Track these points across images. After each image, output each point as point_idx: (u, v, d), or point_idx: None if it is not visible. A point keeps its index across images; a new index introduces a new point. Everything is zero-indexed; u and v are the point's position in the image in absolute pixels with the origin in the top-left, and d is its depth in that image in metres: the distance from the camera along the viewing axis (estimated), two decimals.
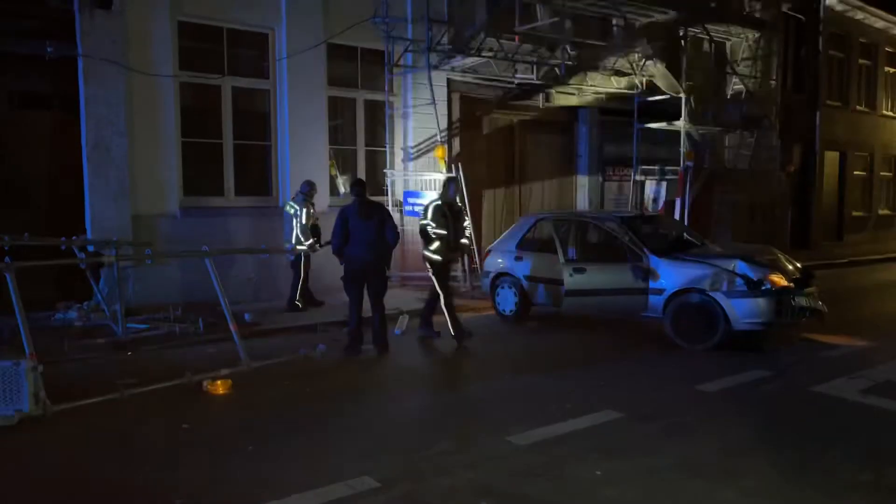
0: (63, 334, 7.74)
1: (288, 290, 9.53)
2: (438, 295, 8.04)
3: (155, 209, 9.41)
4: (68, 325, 8.22)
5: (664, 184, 14.05)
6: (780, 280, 7.43)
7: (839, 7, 19.47)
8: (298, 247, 9.25)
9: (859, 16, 20.37)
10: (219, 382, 6.01)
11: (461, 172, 10.97)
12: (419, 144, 11.80)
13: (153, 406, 5.56)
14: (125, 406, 5.50)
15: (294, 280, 9.49)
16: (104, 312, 8.29)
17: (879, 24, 21.31)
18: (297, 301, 9.42)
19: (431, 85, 10.83)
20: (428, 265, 8.09)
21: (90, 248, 8.19)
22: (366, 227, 7.27)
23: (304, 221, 9.31)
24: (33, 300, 6.08)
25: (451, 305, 8.05)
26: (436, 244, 7.93)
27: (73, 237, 7.98)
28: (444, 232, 7.90)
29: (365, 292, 7.41)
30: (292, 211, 9.41)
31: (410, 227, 11.14)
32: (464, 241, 8.45)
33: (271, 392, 6.07)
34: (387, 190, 11.56)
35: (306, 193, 9.49)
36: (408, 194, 11.42)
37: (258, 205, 10.47)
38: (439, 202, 8.04)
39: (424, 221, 8.01)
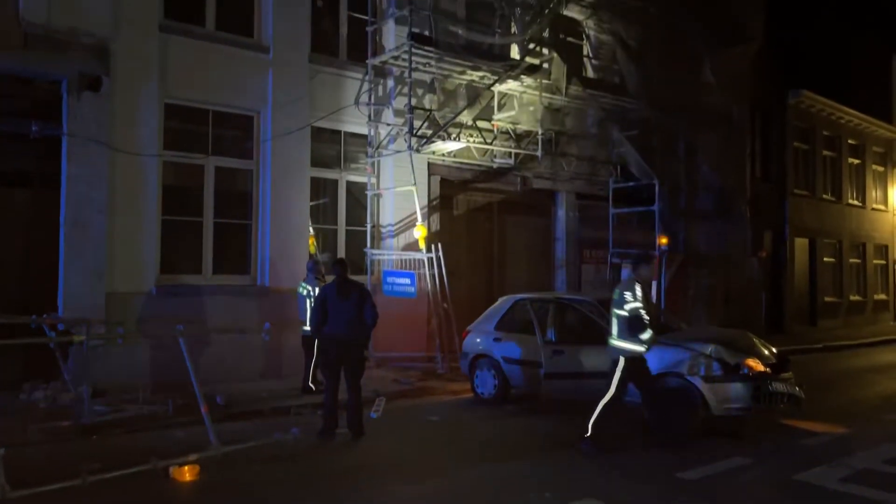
0: (27, 416, 7.47)
1: (265, 371, 9.34)
2: (615, 392, 6.83)
3: (130, 287, 9.29)
4: (33, 407, 7.94)
5: None
6: (756, 365, 7.45)
7: (803, 103, 20.45)
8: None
9: (820, 110, 21.37)
10: (186, 468, 5.79)
11: (440, 252, 11.07)
12: (399, 223, 11.93)
13: (116, 493, 5.33)
14: (87, 493, 5.26)
15: (306, 361, 9.29)
16: (71, 393, 8.04)
17: (842, 118, 22.35)
18: (311, 384, 9.17)
19: (413, 167, 11.06)
20: (621, 358, 6.79)
21: (60, 327, 8.01)
22: (344, 306, 7.24)
23: None
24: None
25: (614, 408, 6.88)
26: (647, 333, 6.73)
27: (44, 315, 7.84)
28: (648, 318, 6.84)
29: (342, 373, 7.30)
30: (304, 292, 9.29)
31: (388, 307, 11.10)
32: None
33: (242, 478, 5.85)
34: (367, 269, 11.59)
35: (314, 271, 9.47)
36: (387, 273, 11.45)
37: (235, 283, 10.40)
38: (637, 281, 6.92)
39: (636, 305, 6.69)
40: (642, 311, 6.70)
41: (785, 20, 19.27)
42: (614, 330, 6.91)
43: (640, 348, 6.81)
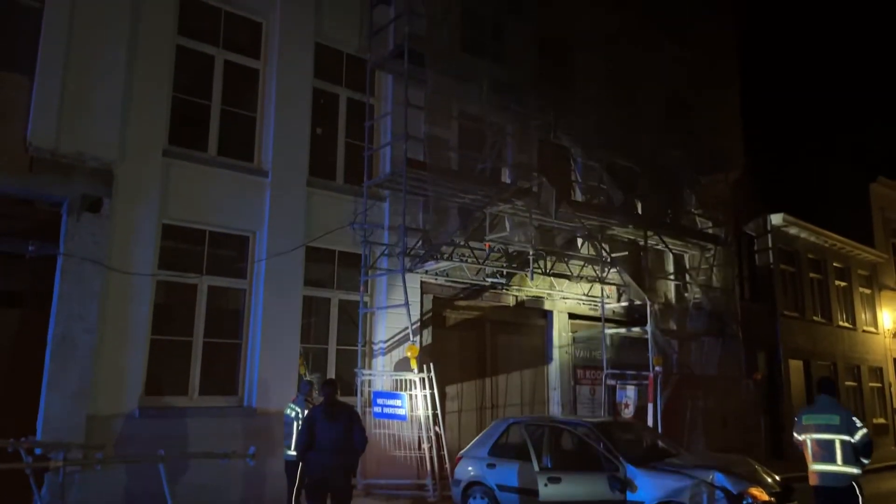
0: None
1: (247, 498, 8.89)
2: None
3: (113, 409, 9.02)
4: None
5: (635, 388, 14.04)
6: (761, 494, 7.22)
7: (785, 227, 20.98)
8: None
9: (803, 234, 21.89)
10: None
11: (432, 372, 10.90)
12: (391, 340, 11.84)
13: None
14: None
15: (289, 488, 8.74)
16: None
17: (826, 242, 22.82)
18: None
19: (405, 287, 11.09)
20: (854, 484, 7.02)
21: (38, 451, 7.70)
22: (333, 429, 7.04)
23: None
24: None
25: None
26: (869, 459, 7.09)
27: (22, 439, 7.56)
28: None
29: (328, 501, 6.98)
30: (293, 413, 8.89)
31: (377, 430, 10.80)
32: None
33: None
34: (357, 390, 11.36)
35: (307, 394, 9.18)
36: (377, 395, 11.19)
37: (222, 405, 10.12)
38: None
39: (867, 430, 7.19)
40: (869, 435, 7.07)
41: (765, 146, 20.20)
42: (838, 456, 7.06)
43: (860, 471, 7.01)
